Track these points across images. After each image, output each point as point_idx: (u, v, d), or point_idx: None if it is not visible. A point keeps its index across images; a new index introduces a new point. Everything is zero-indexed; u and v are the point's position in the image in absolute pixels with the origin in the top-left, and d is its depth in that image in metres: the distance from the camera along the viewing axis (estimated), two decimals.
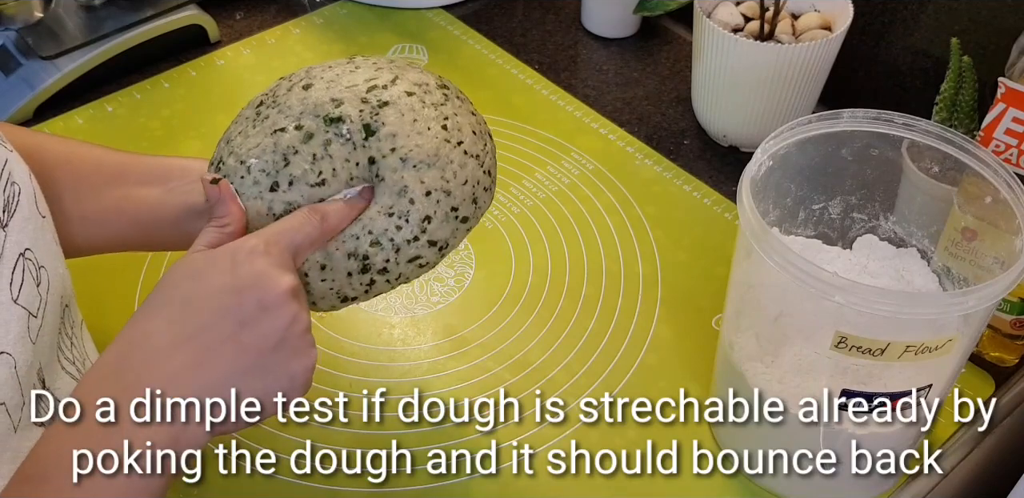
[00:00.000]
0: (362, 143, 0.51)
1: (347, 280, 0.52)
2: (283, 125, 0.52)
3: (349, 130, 0.51)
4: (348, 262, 0.52)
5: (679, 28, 1.01)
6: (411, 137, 0.51)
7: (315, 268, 0.52)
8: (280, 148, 0.51)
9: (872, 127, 0.59)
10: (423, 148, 0.51)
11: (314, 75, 0.54)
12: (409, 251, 0.52)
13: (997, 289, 0.51)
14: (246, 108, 0.55)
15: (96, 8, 0.94)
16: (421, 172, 0.51)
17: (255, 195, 0.51)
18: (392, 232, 0.51)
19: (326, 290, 0.53)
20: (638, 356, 0.72)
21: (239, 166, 0.52)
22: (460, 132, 0.53)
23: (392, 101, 0.52)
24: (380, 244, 0.51)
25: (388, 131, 0.51)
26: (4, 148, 0.51)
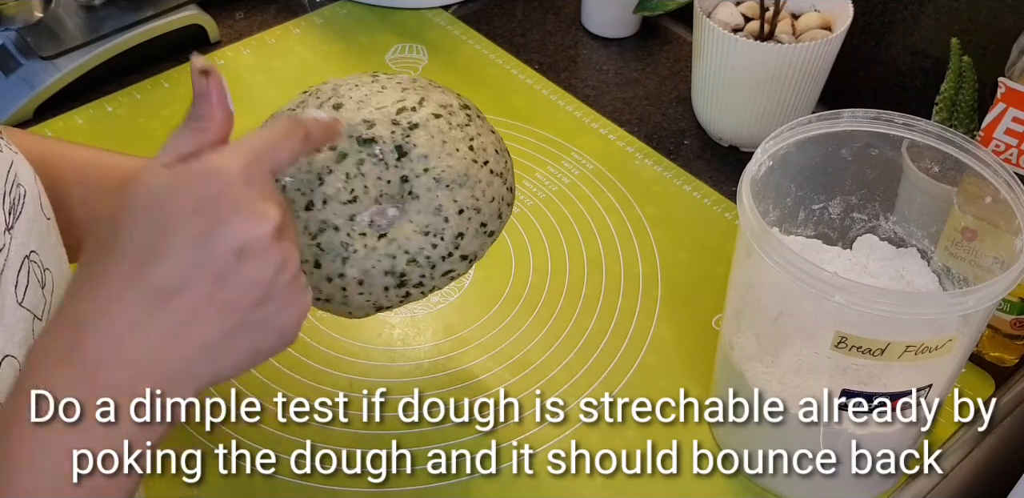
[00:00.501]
0: (395, 163, 0.53)
1: (384, 293, 0.54)
2: None
3: (382, 151, 0.52)
4: (385, 278, 0.53)
5: (679, 28, 1.01)
6: (442, 158, 0.53)
7: (353, 283, 0.53)
8: (315, 168, 0.52)
9: (872, 127, 0.59)
10: (454, 169, 0.53)
11: (343, 94, 0.55)
12: (443, 266, 0.54)
13: (997, 289, 0.51)
14: (273, 121, 0.55)
15: (96, 8, 0.94)
16: (453, 191, 0.53)
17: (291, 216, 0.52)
18: (428, 250, 0.53)
19: (363, 302, 0.54)
20: (638, 356, 0.72)
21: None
22: (485, 152, 0.55)
23: (421, 123, 0.53)
24: (416, 262, 0.53)
25: (420, 152, 0.53)
26: (9, 150, 0.51)
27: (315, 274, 0.53)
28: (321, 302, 0.55)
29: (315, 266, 0.53)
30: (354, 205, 0.52)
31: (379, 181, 0.52)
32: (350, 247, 0.52)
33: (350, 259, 0.52)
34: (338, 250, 0.52)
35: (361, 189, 0.52)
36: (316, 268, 0.53)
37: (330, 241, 0.52)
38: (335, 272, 0.53)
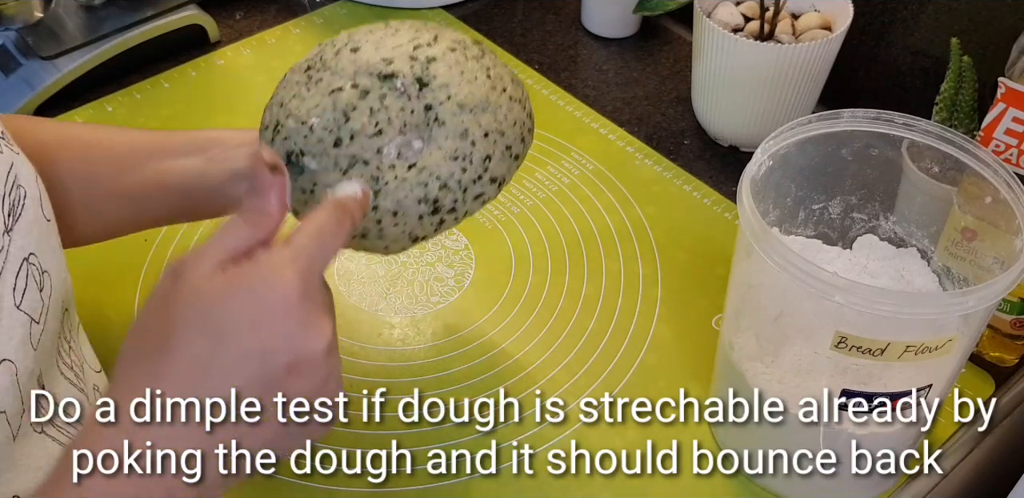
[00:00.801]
0: (416, 94, 0.54)
1: (418, 222, 0.55)
2: (340, 85, 0.54)
3: (403, 83, 0.54)
4: (419, 207, 0.54)
5: (679, 28, 1.01)
6: (462, 86, 0.55)
7: (387, 215, 0.54)
8: (340, 106, 0.54)
9: (872, 127, 0.59)
10: (475, 95, 0.55)
11: (358, 39, 0.57)
12: (475, 189, 0.56)
13: (997, 289, 0.51)
14: (293, 74, 0.57)
15: (96, 8, 0.94)
16: (477, 116, 0.55)
17: (320, 152, 0.54)
18: (458, 174, 0.55)
19: (398, 234, 0.56)
20: (638, 356, 0.72)
21: (301, 127, 0.54)
22: (502, 80, 0.57)
23: (439, 57, 0.55)
24: (448, 187, 0.54)
25: (440, 82, 0.54)
26: (10, 150, 0.51)
27: None
28: (357, 239, 0.56)
29: None
30: (380, 138, 0.53)
31: (402, 112, 0.54)
32: (381, 179, 0.53)
33: (382, 191, 0.53)
34: (369, 183, 0.53)
35: (385, 121, 0.54)
36: None
37: (360, 175, 0.53)
38: (368, 206, 0.54)
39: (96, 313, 0.74)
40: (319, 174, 0.54)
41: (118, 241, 0.79)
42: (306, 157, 0.54)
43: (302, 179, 0.54)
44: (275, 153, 0.52)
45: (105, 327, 0.73)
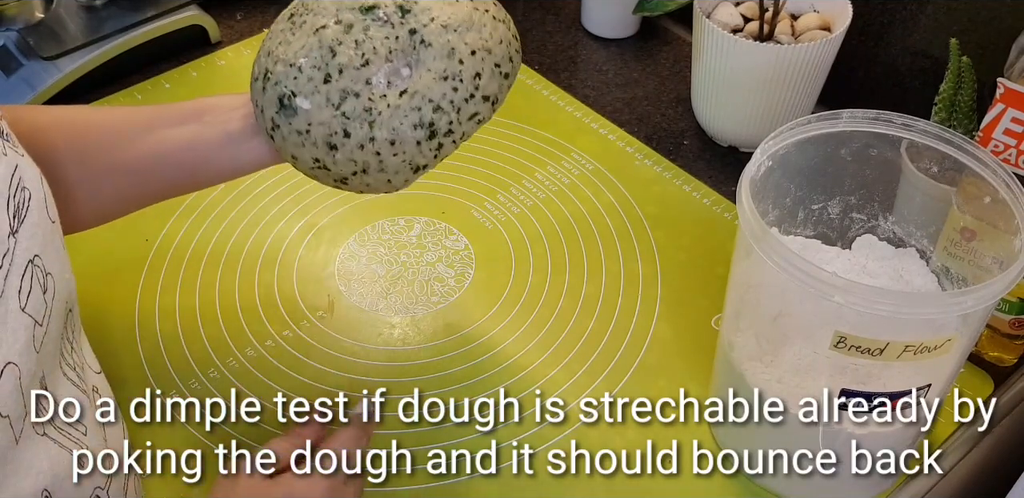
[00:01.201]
0: (399, 21, 0.55)
1: (417, 149, 0.56)
2: (323, 23, 0.55)
3: (385, 13, 0.55)
4: (415, 132, 0.55)
5: (679, 28, 1.01)
6: (444, 8, 0.55)
7: (385, 145, 0.55)
8: (325, 43, 0.55)
9: (871, 127, 0.60)
10: (458, 15, 0.55)
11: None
12: (469, 109, 0.56)
13: (996, 289, 0.51)
14: (277, 23, 0.58)
15: (97, 8, 0.94)
16: (462, 34, 0.55)
17: (311, 90, 0.54)
18: (450, 94, 0.55)
19: (399, 164, 0.56)
20: (638, 356, 0.72)
21: (290, 69, 0.55)
22: (484, 2, 0.58)
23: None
24: (442, 108, 0.55)
25: (422, 6, 0.55)
26: (15, 152, 0.51)
27: (346, 145, 0.55)
28: (358, 176, 0.56)
29: (344, 136, 0.55)
30: (368, 68, 0.54)
31: (387, 41, 0.54)
32: (373, 110, 0.54)
33: (376, 121, 0.54)
34: (363, 115, 0.54)
35: (371, 51, 0.54)
36: (346, 138, 0.55)
37: (353, 108, 0.54)
38: (365, 137, 0.55)
39: (96, 313, 0.74)
40: (312, 113, 0.55)
41: (118, 240, 0.79)
42: (298, 98, 0.55)
43: (296, 121, 0.55)
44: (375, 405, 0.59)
45: (105, 327, 0.73)
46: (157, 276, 0.77)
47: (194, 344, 0.73)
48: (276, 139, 0.57)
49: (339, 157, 0.56)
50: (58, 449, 0.50)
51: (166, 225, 0.81)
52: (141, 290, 0.76)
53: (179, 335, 0.73)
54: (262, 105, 0.57)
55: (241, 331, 0.74)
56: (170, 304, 0.75)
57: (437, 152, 0.57)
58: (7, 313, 0.46)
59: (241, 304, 0.75)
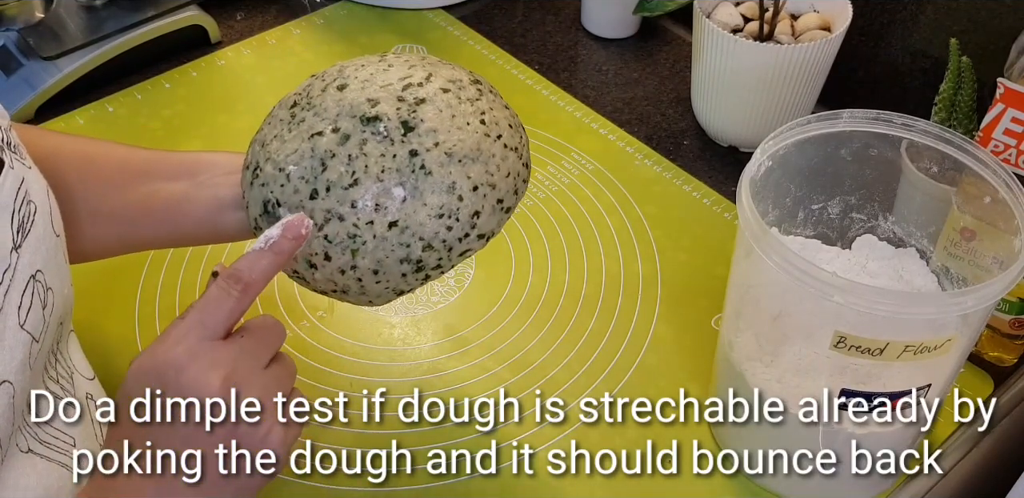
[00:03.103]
0: (400, 138, 0.50)
1: (402, 280, 0.52)
2: (320, 129, 0.51)
3: (386, 127, 0.50)
4: (401, 266, 0.51)
5: (679, 28, 1.01)
6: (452, 132, 0.51)
7: (367, 273, 0.51)
8: (318, 153, 0.50)
9: (871, 127, 0.60)
10: (465, 143, 0.51)
11: (348, 75, 0.53)
12: (460, 247, 0.52)
13: (996, 289, 0.51)
14: (279, 108, 0.54)
15: (97, 8, 0.94)
16: (466, 167, 0.51)
17: (296, 204, 0.51)
18: (443, 233, 0.51)
19: (382, 290, 0.53)
20: (638, 356, 0.72)
21: (278, 174, 0.51)
22: (498, 126, 0.53)
23: (429, 98, 0.51)
24: (432, 247, 0.51)
25: (428, 127, 0.50)
26: (22, 165, 0.50)
27: (326, 267, 0.51)
28: (338, 293, 0.53)
29: (325, 259, 0.51)
30: (356, 188, 0.50)
31: (382, 158, 0.50)
32: (358, 238, 0.50)
33: (360, 250, 0.50)
34: (346, 242, 0.50)
35: (362, 170, 0.50)
36: (326, 260, 0.51)
37: (336, 232, 0.50)
38: (346, 264, 0.51)
39: (96, 314, 0.74)
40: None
41: None
42: (282, 208, 0.51)
43: None
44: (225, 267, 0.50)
45: (105, 328, 0.73)
46: (157, 276, 0.77)
47: None
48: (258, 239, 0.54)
49: (318, 276, 0.52)
50: (45, 464, 0.49)
51: None
52: (141, 290, 0.76)
53: None
54: (248, 199, 0.53)
55: None
56: (170, 304, 0.75)
57: (423, 282, 0.53)
58: (5, 330, 0.45)
59: None
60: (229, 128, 0.90)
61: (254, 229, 0.53)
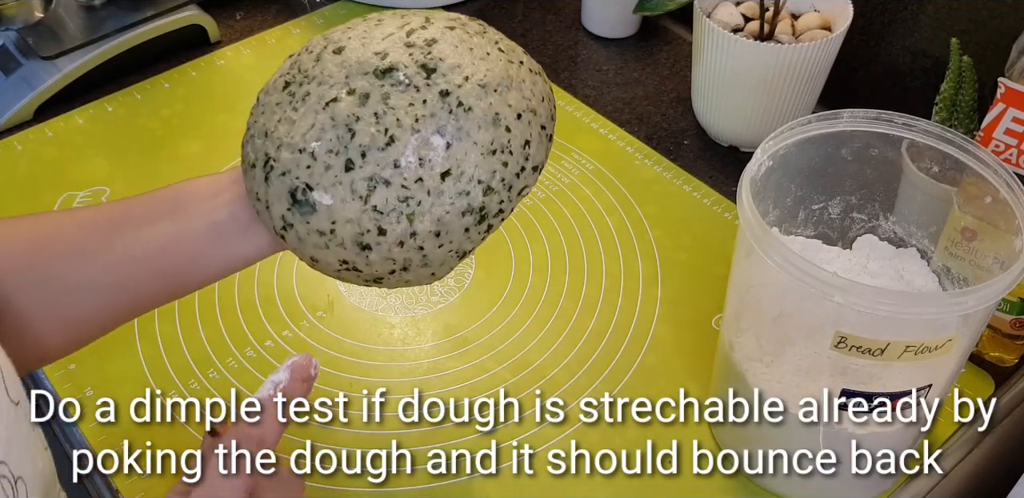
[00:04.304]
0: (425, 83, 0.45)
1: (464, 236, 0.47)
2: (333, 95, 0.46)
3: (406, 75, 0.45)
4: (464, 219, 0.46)
5: (679, 28, 1.01)
6: (476, 64, 0.46)
7: (430, 238, 0.46)
8: (340, 120, 0.45)
9: (872, 127, 0.59)
10: (494, 71, 0.47)
11: (338, 38, 0.48)
12: (519, 183, 0.47)
13: (997, 289, 0.51)
14: (268, 95, 0.49)
15: (96, 8, 0.94)
16: (503, 95, 0.46)
17: (332, 182, 0.45)
18: (500, 171, 0.46)
19: (445, 255, 0.47)
20: (638, 356, 0.72)
21: (300, 156, 0.46)
22: (515, 52, 0.49)
23: (439, 38, 0.47)
24: (493, 189, 0.46)
25: (450, 63, 0.46)
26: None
27: (381, 244, 0.46)
28: (397, 274, 0.48)
29: (379, 234, 0.46)
30: (394, 146, 0.45)
31: (412, 108, 0.45)
32: (411, 200, 0.45)
33: (416, 213, 0.45)
34: (399, 207, 0.45)
35: (394, 124, 0.45)
36: (381, 235, 0.46)
37: (385, 200, 0.45)
38: (404, 233, 0.46)
39: None
40: (336, 209, 0.45)
41: None
42: (315, 192, 0.45)
43: (316, 219, 0.46)
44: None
45: None
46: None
47: (193, 345, 0.73)
48: (289, 240, 0.48)
49: (373, 257, 0.46)
50: None
51: None
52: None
53: (179, 336, 0.73)
54: (266, 199, 0.47)
55: (241, 331, 0.74)
56: (170, 304, 0.75)
57: (485, 235, 0.48)
58: None
59: (240, 304, 0.75)
60: (228, 128, 0.90)
61: (282, 230, 0.48)
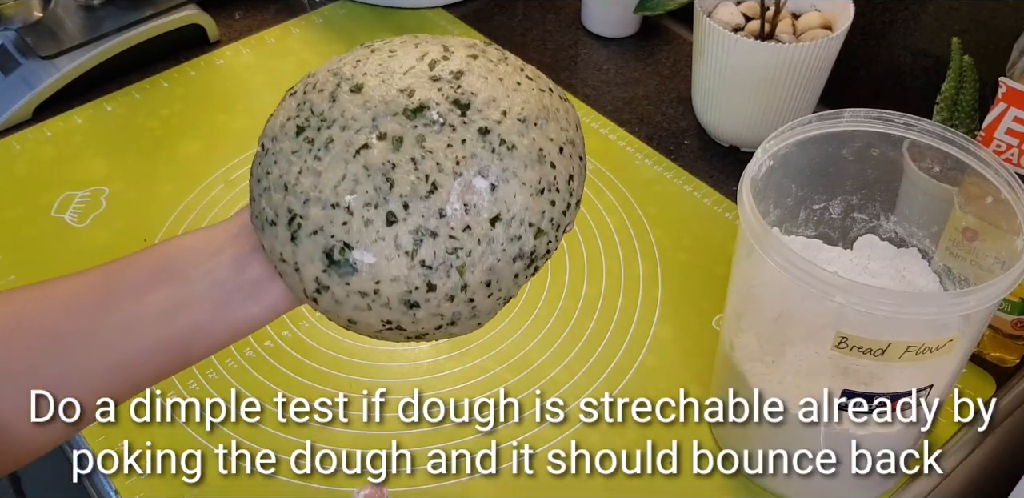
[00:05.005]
0: (461, 121, 0.42)
1: (514, 283, 0.44)
2: (363, 141, 0.42)
3: (439, 113, 0.42)
4: (514, 265, 0.43)
5: (679, 28, 1.01)
6: (511, 96, 0.43)
7: (480, 289, 0.43)
8: (375, 169, 0.41)
9: (873, 127, 0.59)
10: (530, 103, 0.44)
11: (351, 74, 0.44)
12: (565, 221, 0.44)
13: (998, 289, 0.51)
14: (278, 142, 0.44)
15: (95, 8, 0.94)
16: (544, 128, 0.43)
17: (373, 238, 0.41)
18: (549, 210, 0.43)
19: (493, 304, 0.44)
20: (638, 356, 0.72)
21: (333, 211, 0.42)
22: (542, 79, 0.46)
23: (465, 69, 0.44)
24: (543, 231, 0.43)
25: (485, 97, 0.43)
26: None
27: (431, 300, 0.42)
28: (443, 329, 0.44)
29: (428, 290, 0.42)
30: (437, 194, 0.41)
31: (450, 149, 0.42)
32: (460, 251, 0.41)
33: (467, 264, 0.42)
34: (448, 260, 0.41)
35: (435, 169, 0.41)
36: (431, 292, 0.42)
37: (433, 254, 0.41)
38: (455, 287, 0.42)
39: None
40: (380, 268, 0.41)
41: (118, 241, 0.79)
42: (356, 250, 0.41)
43: (357, 280, 0.42)
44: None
45: None
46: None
47: None
48: (323, 303, 0.44)
49: (420, 315, 0.43)
50: None
51: (165, 225, 0.81)
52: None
53: None
54: (295, 261, 0.43)
55: None
56: None
57: (529, 277, 0.45)
58: None
59: None
60: (228, 128, 0.90)
61: (315, 293, 0.44)
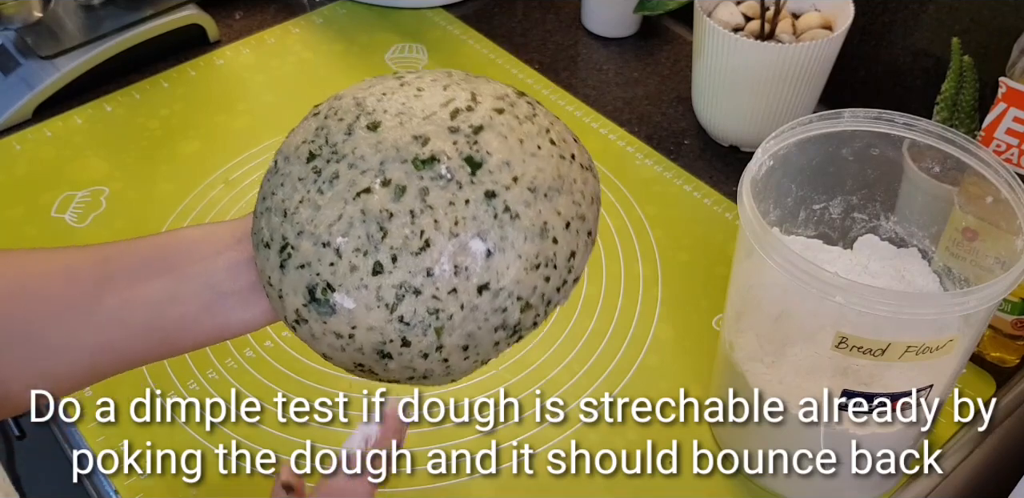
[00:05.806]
0: (469, 180, 0.41)
1: (494, 349, 0.43)
2: (365, 184, 0.41)
3: (448, 169, 0.40)
4: (496, 334, 0.42)
5: (679, 28, 1.01)
6: (527, 162, 0.42)
7: (455, 351, 0.42)
8: (371, 216, 0.40)
9: (873, 127, 0.59)
10: (545, 172, 0.42)
11: (373, 108, 0.43)
12: (557, 298, 0.43)
13: (998, 289, 0.51)
14: (289, 163, 0.43)
15: (95, 8, 0.94)
16: (553, 201, 0.42)
17: (356, 285, 0.41)
18: (542, 286, 0.42)
19: (469, 366, 0.44)
20: (638, 356, 0.72)
21: (323, 250, 0.41)
22: (566, 144, 0.44)
23: (487, 124, 0.42)
24: (531, 306, 0.42)
25: (498, 160, 0.41)
26: None
27: (404, 354, 0.42)
28: (415, 380, 0.44)
29: (402, 345, 0.41)
30: (428, 252, 0.40)
31: (452, 208, 0.40)
32: (441, 313, 0.40)
33: (446, 327, 0.41)
34: (427, 320, 0.41)
35: (431, 226, 0.40)
36: (404, 347, 0.41)
37: (413, 311, 0.40)
38: (430, 346, 0.41)
39: None
40: (357, 315, 0.41)
41: None
42: (337, 293, 0.41)
43: (334, 321, 0.42)
44: (291, 474, 0.43)
45: None
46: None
47: None
48: (301, 333, 0.44)
49: (392, 366, 0.43)
50: None
51: (165, 225, 0.81)
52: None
53: None
54: (280, 287, 0.43)
55: None
56: None
57: (510, 344, 0.44)
58: None
59: None
60: (228, 128, 0.90)
61: (294, 323, 0.44)
